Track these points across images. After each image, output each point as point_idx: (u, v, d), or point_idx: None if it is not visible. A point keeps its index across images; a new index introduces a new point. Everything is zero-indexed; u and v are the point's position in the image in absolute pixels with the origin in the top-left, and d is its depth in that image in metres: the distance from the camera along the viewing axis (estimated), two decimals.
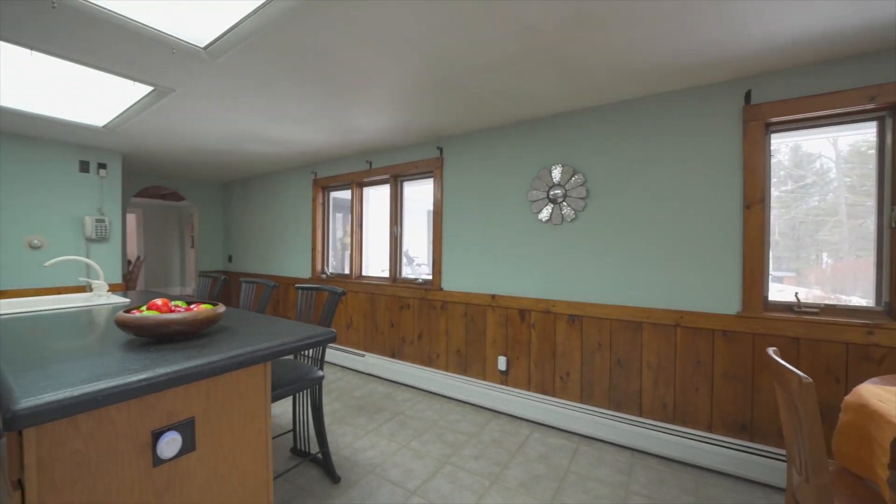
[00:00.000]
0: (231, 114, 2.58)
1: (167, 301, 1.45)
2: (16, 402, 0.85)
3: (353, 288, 3.67)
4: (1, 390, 0.92)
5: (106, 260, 3.59)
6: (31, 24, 1.54)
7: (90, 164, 3.47)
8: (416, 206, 3.59)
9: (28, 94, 2.33)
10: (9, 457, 0.93)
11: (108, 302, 2.22)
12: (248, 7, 1.44)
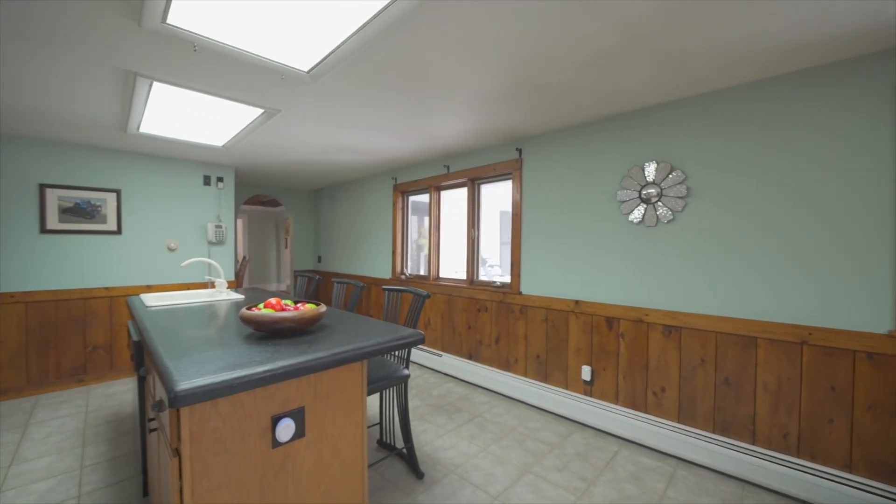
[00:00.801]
0: (326, 128, 2.81)
1: (279, 300, 1.62)
2: (177, 385, 1.02)
3: (430, 289, 3.78)
4: (164, 374, 1.11)
5: (222, 260, 4.15)
6: (176, 65, 1.84)
7: (211, 178, 4.04)
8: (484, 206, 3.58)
9: (165, 123, 2.78)
10: (170, 429, 1.12)
11: (228, 298, 2.56)
12: (347, 31, 1.55)
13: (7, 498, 1.95)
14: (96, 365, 3.50)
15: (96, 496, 1.96)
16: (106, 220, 3.49)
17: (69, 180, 3.35)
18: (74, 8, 1.41)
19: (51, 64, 1.85)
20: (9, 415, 2.90)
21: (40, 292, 3.23)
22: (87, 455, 2.34)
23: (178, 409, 1.06)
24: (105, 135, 3.07)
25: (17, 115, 2.60)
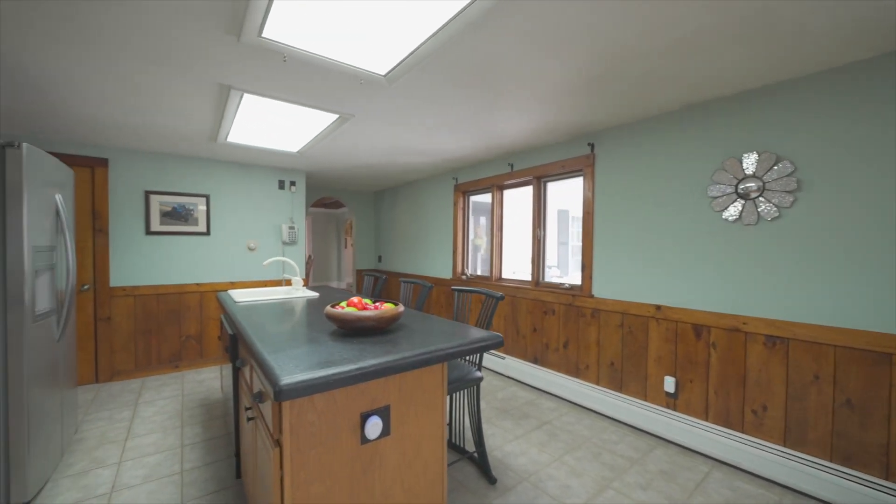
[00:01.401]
0: (394, 130, 2.86)
1: (361, 299, 1.66)
2: (280, 380, 1.07)
3: (493, 290, 3.72)
4: (267, 369, 1.17)
5: (295, 259, 4.41)
6: (266, 77, 1.96)
7: (285, 183, 4.31)
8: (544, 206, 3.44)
9: (247, 132, 3.00)
10: (272, 421, 1.18)
11: (304, 295, 2.69)
12: (426, 32, 1.55)
13: (126, 468, 2.20)
14: (189, 353, 3.88)
15: (195, 474, 2.15)
16: (197, 222, 3.86)
17: (168, 187, 3.74)
18: (186, 29, 1.54)
19: (161, 83, 2.07)
20: (121, 394, 3.30)
21: (145, 287, 3.64)
22: (186, 435, 2.58)
23: (281, 403, 1.11)
24: (198, 145, 3.38)
25: (130, 131, 2.95)
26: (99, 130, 2.97)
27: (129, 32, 1.58)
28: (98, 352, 3.48)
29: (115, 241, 3.51)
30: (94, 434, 2.60)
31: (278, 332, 1.58)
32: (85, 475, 2.14)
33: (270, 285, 4.25)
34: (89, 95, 2.26)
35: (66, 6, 1.41)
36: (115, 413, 2.92)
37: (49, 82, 2.08)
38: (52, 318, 2.07)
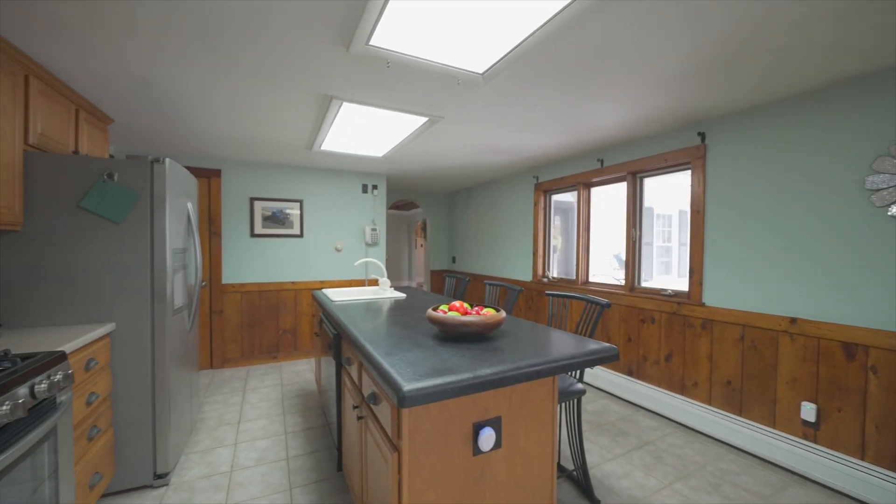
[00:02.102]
0: (480, 130, 2.82)
1: (462, 303, 1.63)
2: (403, 387, 1.06)
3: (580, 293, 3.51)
4: (386, 374, 1.18)
5: (377, 260, 4.59)
6: (366, 84, 2.02)
7: (368, 186, 4.51)
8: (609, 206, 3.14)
9: (337, 139, 3.14)
10: (391, 426, 1.18)
11: (392, 296, 2.75)
12: (532, 26, 1.47)
13: (241, 449, 2.43)
14: (285, 345, 4.22)
15: (299, 461, 2.30)
16: (293, 225, 4.18)
17: (268, 193, 4.10)
18: (298, 43, 1.64)
19: (270, 98, 2.24)
20: (231, 380, 3.68)
21: (249, 284, 4.03)
22: (288, 423, 2.79)
23: (401, 409, 1.11)
24: (295, 154, 3.66)
25: (239, 144, 3.27)
26: (214, 144, 3.33)
27: (247, 53, 1.72)
28: (213, 341, 3.92)
29: (226, 242, 3.93)
30: (213, 415, 2.91)
31: (382, 334, 1.60)
32: (209, 453, 2.39)
33: (355, 284, 4.47)
34: (209, 113, 2.53)
35: (210, 37, 1.56)
36: (228, 397, 3.25)
37: (181, 104, 2.37)
38: (184, 311, 2.35)
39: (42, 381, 1.21)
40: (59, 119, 2.03)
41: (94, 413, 1.73)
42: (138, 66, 1.88)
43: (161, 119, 2.65)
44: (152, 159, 1.98)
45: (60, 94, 2.05)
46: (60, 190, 1.83)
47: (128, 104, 2.37)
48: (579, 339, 1.57)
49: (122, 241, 1.93)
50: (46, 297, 1.82)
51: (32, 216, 1.79)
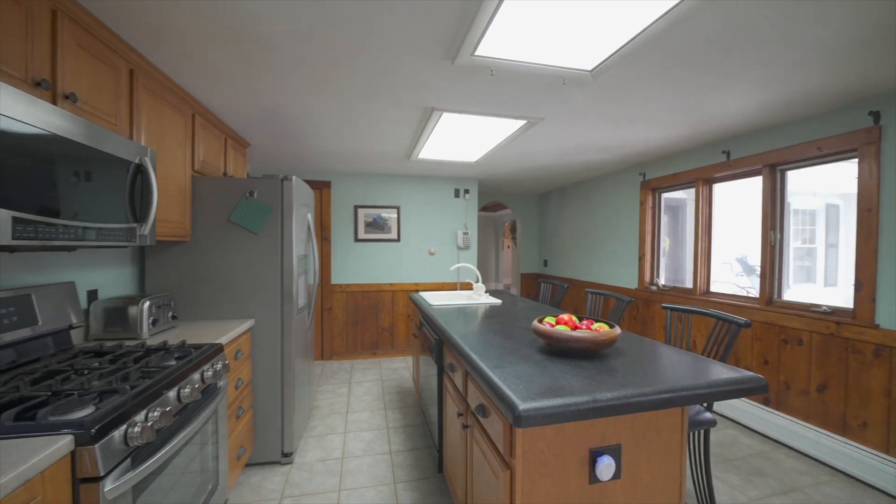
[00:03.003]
0: (582, 128, 2.66)
1: (571, 317, 1.54)
2: (519, 406, 1.03)
3: (699, 305, 3.10)
4: (499, 391, 1.16)
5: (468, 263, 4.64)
6: (467, 93, 2.04)
7: (460, 191, 4.58)
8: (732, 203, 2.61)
9: (432, 146, 3.23)
10: (504, 442, 1.16)
11: (487, 301, 2.74)
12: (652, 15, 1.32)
13: (349, 439, 2.64)
14: (383, 343, 4.50)
15: (401, 457, 2.41)
16: (391, 230, 4.45)
17: (370, 201, 4.42)
18: (406, 62, 1.71)
19: (376, 114, 2.40)
20: (338, 371, 4.04)
21: (353, 285, 4.39)
22: (389, 418, 2.96)
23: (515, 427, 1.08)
24: (393, 164, 3.88)
25: (347, 157, 3.58)
26: (326, 159, 3.70)
27: (358, 78, 1.85)
28: (323, 336, 4.36)
29: (334, 247, 4.34)
30: (325, 404, 3.23)
31: (485, 343, 1.59)
32: (324, 438, 2.65)
33: (447, 288, 4.58)
34: (323, 133, 2.81)
35: (328, 69, 1.73)
36: (336, 388, 3.58)
37: (300, 127, 2.66)
38: (306, 310, 2.64)
39: (209, 369, 1.46)
40: (213, 147, 2.44)
41: (240, 396, 2.03)
42: (269, 99, 2.16)
43: (285, 141, 3.02)
44: (282, 177, 2.25)
45: (214, 126, 2.46)
46: (215, 206, 2.19)
47: (260, 130, 2.75)
48: (709, 363, 1.36)
49: (259, 249, 2.24)
50: (206, 296, 2.20)
51: (196, 229, 2.18)
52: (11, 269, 1.39)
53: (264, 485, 2.13)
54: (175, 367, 1.28)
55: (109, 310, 1.72)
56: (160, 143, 1.81)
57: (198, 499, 1.40)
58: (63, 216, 1.09)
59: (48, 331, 1.39)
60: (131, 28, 1.46)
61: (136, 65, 1.63)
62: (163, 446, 1.11)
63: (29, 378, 1.13)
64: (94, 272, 1.82)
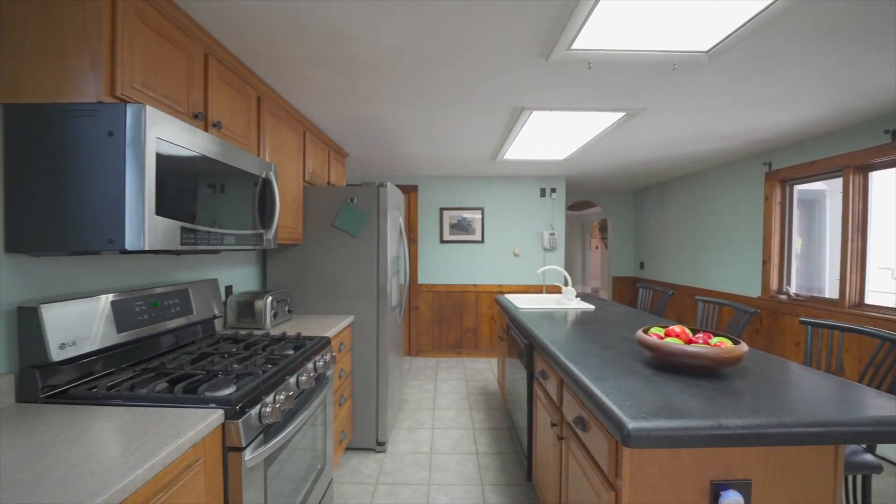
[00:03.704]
0: (692, 116, 2.37)
1: (684, 329, 1.38)
2: (628, 424, 0.95)
3: (849, 320, 2.55)
4: (600, 404, 1.09)
5: (555, 265, 4.47)
6: (560, 89, 1.96)
7: (546, 190, 4.43)
8: None
9: (517, 146, 3.15)
10: (608, 461, 1.09)
11: (578, 306, 2.59)
12: None
13: (437, 435, 2.72)
14: (467, 343, 4.55)
15: (488, 459, 2.41)
16: (475, 231, 4.48)
17: (454, 203, 4.51)
18: (497, 67, 1.70)
19: (463, 120, 2.43)
20: (424, 368, 4.19)
21: (438, 285, 4.51)
22: (475, 418, 2.97)
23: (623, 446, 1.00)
24: (478, 165, 3.90)
25: (433, 162, 3.69)
26: (414, 164, 3.86)
27: (447, 85, 1.89)
28: (410, 333, 4.56)
29: (421, 248, 4.52)
30: (413, 398, 3.37)
31: (582, 352, 1.50)
32: (413, 431, 2.77)
33: (532, 291, 4.46)
34: (412, 139, 2.93)
35: (419, 79, 1.80)
36: (423, 384, 3.71)
37: (392, 135, 2.82)
38: (398, 309, 2.79)
39: (320, 359, 1.62)
40: (319, 159, 2.71)
41: (342, 385, 2.22)
42: (366, 111, 2.32)
43: (378, 149, 3.23)
44: (378, 184, 2.41)
45: (320, 140, 2.73)
46: (321, 212, 2.43)
47: (357, 141, 2.98)
48: (871, 393, 1.11)
49: (358, 251, 2.42)
50: (313, 293, 2.45)
51: (306, 233, 2.44)
52: (175, 268, 1.70)
53: (361, 469, 2.30)
54: (294, 356, 1.45)
55: (241, 303, 2.01)
56: (279, 158, 2.07)
57: (309, 475, 1.56)
58: (214, 225, 1.30)
59: (199, 319, 1.67)
60: (259, 61, 1.69)
61: (262, 92, 1.88)
62: (286, 426, 1.26)
63: (188, 358, 1.38)
64: (230, 271, 2.15)
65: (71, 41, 1.01)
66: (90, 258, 1.30)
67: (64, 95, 1.03)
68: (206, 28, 1.42)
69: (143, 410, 1.01)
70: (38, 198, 1.03)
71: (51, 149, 1.02)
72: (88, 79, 1.02)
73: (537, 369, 1.83)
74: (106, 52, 1.03)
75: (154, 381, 1.18)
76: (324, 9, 1.31)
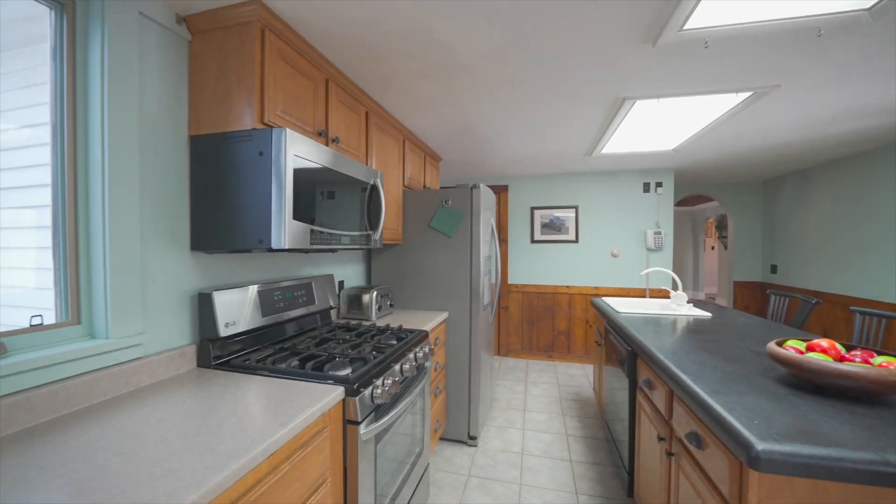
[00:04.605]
0: (842, 89, 1.96)
1: (833, 344, 1.16)
2: (756, 445, 0.85)
3: None
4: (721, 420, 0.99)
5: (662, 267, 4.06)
6: (672, 73, 1.79)
7: (650, 185, 4.05)
8: None
9: (618, 139, 2.93)
10: (729, 484, 0.98)
11: (690, 313, 2.32)
12: None
13: (528, 436, 2.69)
14: (559, 346, 4.40)
15: (583, 468, 2.31)
16: (568, 231, 4.30)
17: (546, 202, 4.39)
18: (594, 60, 1.62)
19: (557, 117, 2.36)
20: (514, 369, 4.16)
21: (529, 285, 4.44)
22: (567, 425, 2.87)
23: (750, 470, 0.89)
24: (572, 162, 3.74)
25: (524, 161, 3.65)
26: (505, 165, 3.87)
27: (544, 83, 1.86)
28: (500, 332, 4.57)
29: (511, 248, 4.50)
30: (503, 397, 3.38)
31: (697, 363, 1.36)
32: (503, 430, 2.78)
33: (633, 294, 4.12)
34: (505, 140, 2.94)
35: (515, 79, 1.81)
36: (513, 385, 3.69)
37: (485, 138, 2.86)
38: (489, 308, 2.83)
39: (419, 351, 1.74)
40: (416, 164, 2.89)
41: (437, 377, 2.34)
42: (462, 116, 2.41)
43: (470, 151, 3.32)
44: (471, 186, 2.48)
45: (417, 146, 2.91)
46: (418, 214, 2.59)
47: (451, 145, 3.10)
48: None
49: (452, 251, 2.53)
50: (410, 289, 2.62)
51: (405, 234, 2.62)
52: (302, 264, 1.99)
53: (454, 460, 2.39)
54: (398, 346, 1.59)
55: (351, 296, 2.26)
56: (383, 166, 2.27)
57: (409, 458, 1.68)
58: (332, 227, 1.50)
59: (319, 309, 1.92)
60: (368, 80, 1.88)
61: (369, 108, 2.08)
62: (392, 408, 1.39)
63: (312, 342, 1.61)
64: (342, 268, 2.42)
65: (234, 83, 1.27)
66: (242, 255, 1.60)
67: (228, 126, 1.29)
68: (328, 58, 1.64)
69: (282, 381, 1.22)
70: (211, 207, 1.30)
71: (219, 168, 1.29)
72: (245, 111, 1.26)
73: (641, 378, 1.70)
74: (258, 88, 1.26)
75: (288, 358, 1.41)
76: (428, 24, 1.41)
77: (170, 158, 1.29)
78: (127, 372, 1.14)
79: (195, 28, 1.32)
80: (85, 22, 1.10)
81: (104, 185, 1.09)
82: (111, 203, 1.09)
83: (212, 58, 1.30)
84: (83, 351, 1.03)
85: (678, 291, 2.54)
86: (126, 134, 1.13)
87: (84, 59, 1.10)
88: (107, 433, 0.88)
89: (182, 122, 1.33)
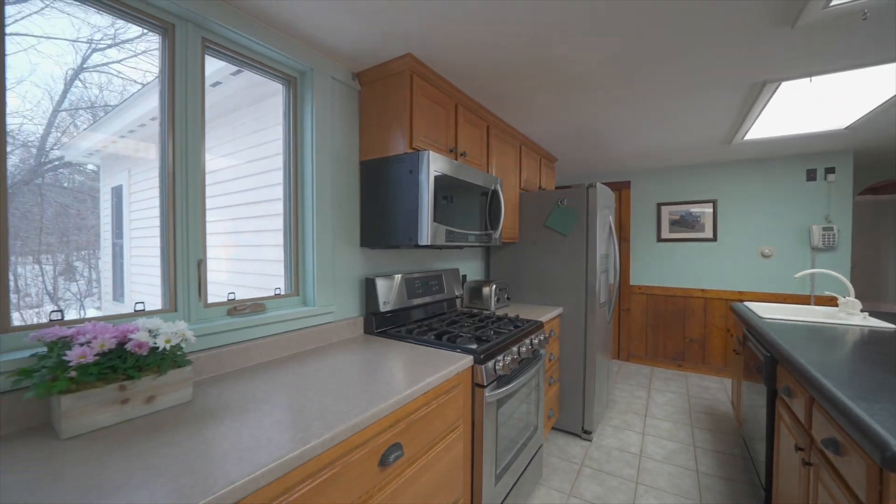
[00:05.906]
0: None
1: None
2: (893, 445, 0.82)
3: None
4: (855, 419, 0.94)
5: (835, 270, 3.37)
6: (823, 51, 1.60)
7: (817, 172, 3.40)
8: None
9: (767, 123, 2.57)
10: (868, 490, 0.93)
11: (864, 324, 1.96)
12: None
13: (648, 441, 2.61)
14: (691, 355, 4.00)
15: (711, 481, 2.16)
16: (703, 228, 3.89)
17: (676, 197, 4.04)
18: (723, 48, 1.57)
19: (683, 109, 2.25)
20: (636, 374, 3.95)
21: (655, 287, 4.15)
22: (696, 437, 2.67)
23: (885, 471, 0.86)
24: (707, 152, 3.39)
25: (647, 155, 3.46)
26: (625, 160, 3.72)
27: (665, 78, 1.83)
28: (620, 335, 4.38)
29: (634, 247, 4.27)
30: (622, 400, 3.29)
31: (849, 371, 1.24)
32: (621, 431, 2.75)
33: (791, 301, 3.51)
34: (624, 136, 2.87)
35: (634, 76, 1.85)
36: (634, 390, 3.54)
37: (601, 136, 2.85)
38: (606, 306, 2.83)
39: (535, 338, 1.93)
40: (532, 167, 3.05)
41: (551, 368, 2.48)
42: (577, 118, 2.49)
43: (586, 150, 3.32)
44: (587, 185, 2.55)
45: (533, 150, 3.07)
46: (533, 214, 2.76)
47: (566, 146, 3.16)
48: None
49: (567, 249, 2.62)
50: (526, 285, 2.80)
51: (521, 233, 2.82)
52: (435, 259, 2.37)
53: (567, 449, 2.49)
54: (515, 331, 1.81)
55: (473, 288, 2.56)
56: (502, 172, 2.51)
57: (524, 434, 1.89)
58: (461, 228, 1.80)
59: (447, 297, 2.26)
60: (489, 98, 2.14)
61: (490, 122, 2.35)
62: (511, 381, 1.62)
63: (443, 323, 1.94)
64: (465, 263, 2.75)
65: (392, 119, 1.67)
66: (391, 251, 2.03)
67: (388, 151, 1.69)
68: (457, 86, 1.96)
69: (425, 348, 1.56)
70: (374, 214, 1.73)
71: (380, 184, 1.71)
72: (399, 140, 1.65)
73: (780, 386, 1.58)
74: (408, 121, 1.63)
75: (426, 333, 1.76)
76: (546, 46, 1.60)
77: (349, 179, 1.77)
78: (324, 331, 1.62)
79: (364, 80, 1.77)
80: (301, 89, 1.61)
81: (313, 201, 1.58)
82: (317, 213, 1.58)
83: (375, 102, 1.73)
84: (302, 313, 1.53)
85: (849, 298, 2.16)
86: (325, 163, 1.61)
87: (301, 115, 1.62)
88: (323, 364, 1.33)
89: (355, 151, 1.80)
